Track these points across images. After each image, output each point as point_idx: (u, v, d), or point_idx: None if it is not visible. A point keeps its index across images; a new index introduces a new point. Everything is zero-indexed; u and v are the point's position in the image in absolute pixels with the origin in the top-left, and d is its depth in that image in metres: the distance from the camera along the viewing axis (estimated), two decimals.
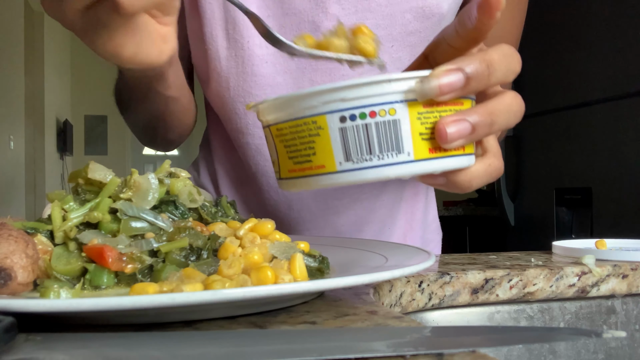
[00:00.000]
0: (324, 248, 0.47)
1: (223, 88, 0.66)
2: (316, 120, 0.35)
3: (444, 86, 0.34)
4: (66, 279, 0.38)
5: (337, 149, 0.35)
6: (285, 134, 0.37)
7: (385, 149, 0.35)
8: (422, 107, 0.35)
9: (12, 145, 4.36)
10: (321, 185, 0.36)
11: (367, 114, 0.34)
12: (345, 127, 0.34)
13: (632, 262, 0.57)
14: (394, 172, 0.35)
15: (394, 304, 0.48)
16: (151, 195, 0.40)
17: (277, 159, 0.39)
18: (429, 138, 0.35)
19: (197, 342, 0.27)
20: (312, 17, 0.62)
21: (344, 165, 0.35)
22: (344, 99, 0.34)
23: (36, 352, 0.25)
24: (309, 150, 0.36)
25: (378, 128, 0.34)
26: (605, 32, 1.64)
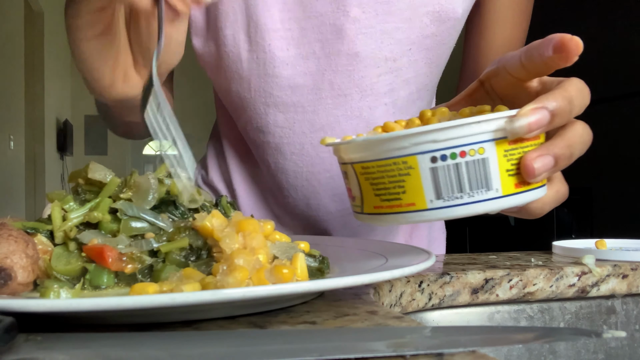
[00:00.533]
0: (324, 248, 0.47)
1: (244, 89, 0.67)
2: (407, 161, 0.36)
3: (532, 124, 0.36)
4: (66, 279, 0.38)
5: (427, 188, 0.36)
6: (372, 172, 0.38)
7: (476, 187, 0.36)
8: (507, 145, 0.37)
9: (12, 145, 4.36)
10: (410, 221, 0.38)
11: (457, 154, 0.36)
12: (437, 167, 0.36)
13: (632, 262, 0.57)
14: (483, 208, 0.37)
15: (394, 304, 0.48)
16: (151, 196, 0.40)
17: (361, 194, 0.40)
18: (514, 174, 0.37)
19: (197, 342, 0.27)
20: (334, 20, 0.63)
21: (434, 203, 0.37)
22: (435, 140, 0.35)
23: (36, 352, 0.25)
24: (399, 188, 0.37)
25: (468, 167, 0.36)
26: (605, 32, 1.64)
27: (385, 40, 0.64)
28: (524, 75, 0.42)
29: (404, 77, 0.66)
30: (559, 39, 0.38)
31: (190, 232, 0.39)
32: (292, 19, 0.64)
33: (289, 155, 0.69)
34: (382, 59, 0.65)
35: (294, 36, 0.64)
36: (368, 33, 0.63)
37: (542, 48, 0.39)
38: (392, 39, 0.64)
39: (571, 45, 0.37)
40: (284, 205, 0.73)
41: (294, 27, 0.64)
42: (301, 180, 0.70)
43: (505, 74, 0.43)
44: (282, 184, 0.71)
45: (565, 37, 0.38)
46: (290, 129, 0.67)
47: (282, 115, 0.67)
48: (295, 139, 0.68)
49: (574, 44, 0.37)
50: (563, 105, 0.37)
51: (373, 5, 0.63)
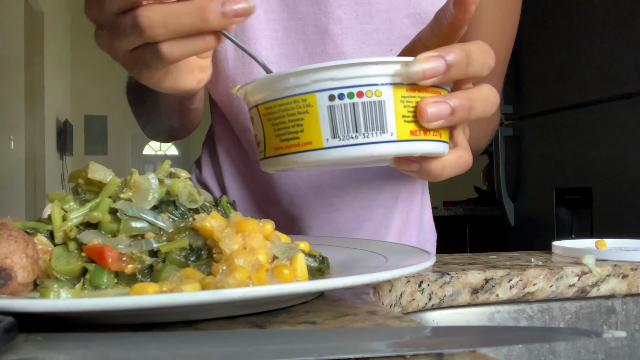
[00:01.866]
0: (324, 248, 0.47)
1: (229, 88, 0.68)
2: (306, 98, 0.37)
3: (427, 70, 0.36)
4: (66, 279, 0.38)
5: (324, 126, 0.37)
6: (274, 112, 0.38)
7: (371, 128, 0.36)
8: (405, 91, 0.37)
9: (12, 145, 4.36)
10: (307, 161, 0.38)
11: (354, 94, 0.36)
12: (334, 105, 0.36)
13: (632, 262, 0.57)
14: (377, 150, 0.37)
15: (394, 304, 0.48)
16: (151, 196, 0.40)
17: (264, 138, 0.40)
18: (410, 121, 0.37)
19: (197, 342, 0.27)
20: (316, 21, 0.64)
21: (330, 142, 0.37)
22: (334, 78, 0.36)
23: (36, 352, 0.25)
24: (297, 127, 0.37)
25: (365, 107, 0.36)
26: (605, 32, 1.64)
27: (366, 40, 0.65)
28: (436, 42, 0.41)
29: None
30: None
31: (190, 232, 0.39)
32: (277, 20, 0.65)
33: None
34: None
35: (278, 36, 0.65)
36: (349, 34, 0.64)
37: (445, 8, 0.39)
38: (373, 40, 0.65)
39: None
40: (271, 202, 0.73)
41: (278, 28, 0.65)
42: (286, 178, 0.70)
43: (421, 46, 0.42)
44: (269, 183, 0.72)
45: None
46: None
47: None
48: None
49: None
50: (460, 58, 0.37)
51: (354, 6, 0.64)
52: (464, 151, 0.42)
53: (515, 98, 2.02)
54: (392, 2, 0.64)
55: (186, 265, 0.38)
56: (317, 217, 0.72)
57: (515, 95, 2.02)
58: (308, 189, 0.71)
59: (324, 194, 0.71)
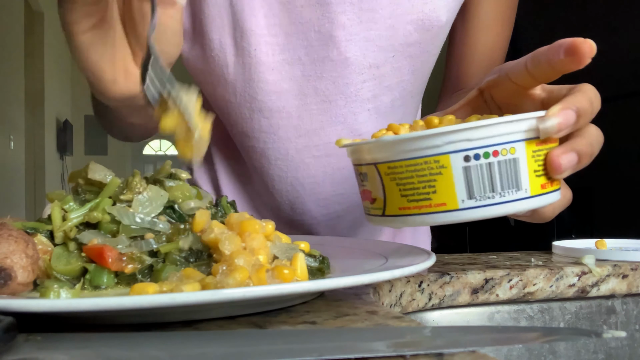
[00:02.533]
0: (324, 248, 0.47)
1: (229, 93, 0.67)
2: (439, 160, 0.36)
3: (562, 123, 0.37)
4: (66, 279, 0.38)
5: (459, 188, 0.36)
6: (399, 172, 0.38)
7: (507, 187, 0.36)
8: (535, 146, 0.37)
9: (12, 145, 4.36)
10: (439, 222, 0.38)
11: (490, 153, 0.36)
12: (469, 166, 0.36)
13: (632, 262, 0.57)
14: (513, 208, 0.37)
15: (394, 304, 0.48)
16: (155, 204, 0.40)
17: (384, 196, 0.39)
18: (541, 174, 0.38)
19: (197, 342, 0.27)
20: (318, 27, 0.64)
21: (466, 203, 0.36)
22: (469, 139, 0.35)
23: (36, 352, 0.25)
24: (429, 188, 0.37)
25: (500, 167, 0.36)
26: (605, 32, 1.64)
27: (369, 47, 0.65)
28: (529, 82, 0.42)
29: (387, 84, 0.67)
30: (571, 42, 0.39)
31: (189, 235, 0.39)
32: (278, 25, 0.64)
33: (273, 160, 0.69)
34: (366, 66, 0.65)
35: (280, 42, 0.65)
36: (352, 40, 0.64)
37: (551, 53, 0.39)
38: (376, 46, 0.65)
39: (585, 48, 0.38)
40: (271, 208, 0.73)
41: (279, 33, 0.64)
42: (285, 185, 0.70)
43: (508, 83, 0.43)
44: (268, 188, 0.71)
45: (577, 40, 0.38)
46: (275, 134, 0.68)
47: (266, 121, 0.67)
48: (280, 144, 0.68)
49: (587, 46, 0.38)
50: (586, 107, 0.38)
51: (357, 12, 0.63)
52: (565, 189, 0.44)
53: None
54: (395, 8, 0.64)
55: (186, 266, 0.38)
56: (318, 224, 0.72)
57: None
58: (310, 197, 0.70)
59: (325, 201, 0.71)
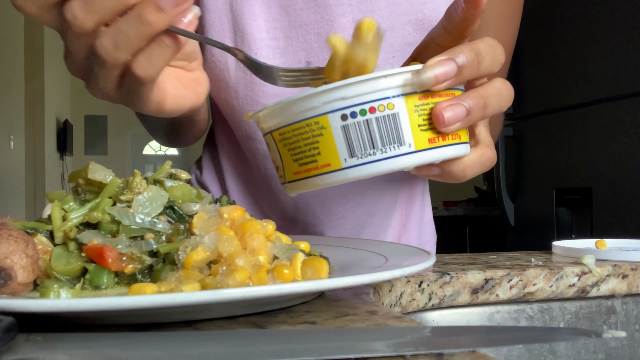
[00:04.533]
0: (324, 248, 0.47)
1: (232, 97, 0.68)
2: (318, 121, 0.36)
3: (439, 75, 0.36)
4: (66, 279, 0.38)
5: (341, 147, 0.36)
6: (288, 137, 0.38)
7: (388, 143, 0.36)
8: (417, 100, 0.36)
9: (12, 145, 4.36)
10: (328, 183, 0.37)
11: (367, 110, 0.36)
12: (347, 125, 0.36)
13: (632, 262, 0.57)
14: (397, 164, 0.36)
15: (394, 304, 0.48)
16: (155, 204, 0.40)
17: (282, 163, 0.40)
18: (427, 129, 0.37)
19: (197, 342, 0.27)
20: (319, 29, 0.64)
21: (349, 162, 0.36)
22: (344, 97, 0.35)
23: (36, 352, 0.25)
24: (314, 150, 0.37)
25: (379, 123, 0.36)
26: (605, 31, 1.64)
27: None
28: (448, 39, 0.41)
29: None
30: None
31: (189, 235, 0.39)
32: (278, 29, 0.65)
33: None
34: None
35: (280, 45, 0.65)
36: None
37: (457, 4, 0.39)
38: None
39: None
40: (275, 208, 0.73)
41: (279, 37, 0.65)
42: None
43: (433, 45, 0.42)
44: (272, 189, 0.72)
45: None
46: None
47: None
48: None
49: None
50: (471, 58, 0.37)
51: (356, 14, 0.64)
52: (486, 148, 0.42)
53: (515, 98, 2.02)
54: (394, 9, 0.64)
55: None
56: (321, 224, 0.73)
57: (515, 95, 2.02)
58: (313, 199, 0.71)
59: (329, 202, 0.71)
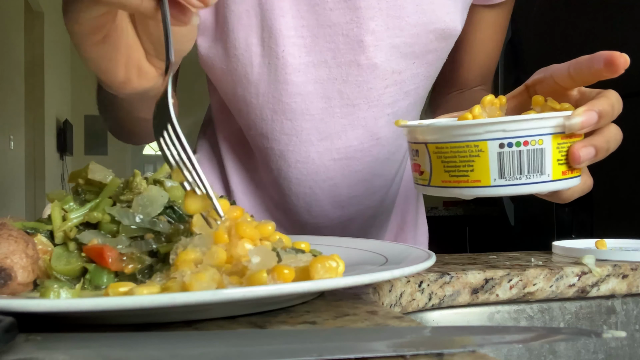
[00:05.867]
0: (324, 248, 0.47)
1: (251, 94, 0.67)
2: (479, 145, 0.44)
3: (584, 122, 0.44)
4: (66, 279, 0.38)
5: (493, 168, 0.44)
6: (445, 152, 0.45)
7: (533, 171, 0.44)
8: (561, 139, 0.45)
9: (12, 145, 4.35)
10: (473, 195, 0.46)
11: (521, 143, 0.44)
12: (503, 152, 0.44)
13: (632, 262, 0.57)
14: (535, 189, 0.45)
15: (394, 304, 0.48)
16: (155, 205, 0.40)
17: (430, 170, 0.47)
18: (563, 163, 0.46)
19: (197, 342, 0.27)
20: (347, 31, 0.64)
21: (497, 182, 0.44)
22: (505, 130, 0.43)
23: (36, 352, 0.25)
24: (468, 167, 0.45)
25: (529, 154, 0.44)
26: (606, 31, 1.64)
27: (393, 53, 0.66)
28: (569, 83, 0.49)
29: (406, 89, 0.68)
30: (610, 56, 0.46)
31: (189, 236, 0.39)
32: (305, 27, 0.64)
33: (293, 163, 0.69)
34: (389, 72, 0.66)
35: (307, 44, 0.64)
36: (379, 46, 0.65)
37: (592, 62, 0.47)
38: (399, 53, 0.66)
39: (620, 61, 0.45)
40: (285, 211, 0.73)
41: (306, 35, 0.64)
42: (304, 187, 0.70)
43: (551, 82, 0.50)
44: (284, 190, 0.71)
45: (615, 54, 0.45)
46: (297, 136, 0.67)
47: (289, 123, 0.67)
48: (301, 147, 0.68)
49: (623, 59, 0.45)
50: (608, 110, 0.46)
51: (385, 19, 0.64)
52: (587, 177, 0.51)
53: None
54: (420, 17, 0.65)
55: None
56: (332, 225, 0.73)
57: None
58: (327, 200, 0.71)
59: (341, 203, 0.72)
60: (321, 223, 0.73)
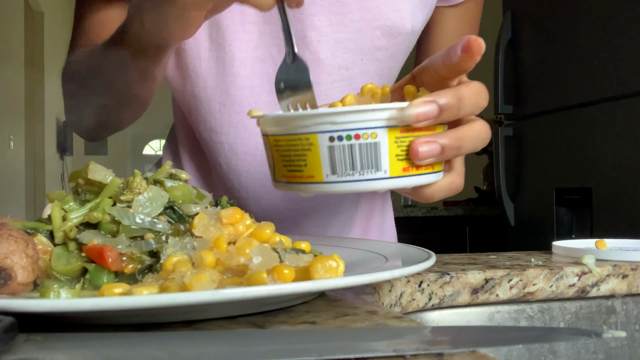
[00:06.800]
0: (325, 248, 0.47)
1: (200, 88, 0.68)
2: (309, 137, 0.40)
3: (420, 114, 0.39)
4: (66, 279, 0.38)
5: (325, 163, 0.40)
6: (281, 145, 0.42)
7: (366, 167, 0.40)
8: (399, 132, 0.40)
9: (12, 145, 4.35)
10: (309, 192, 0.42)
11: (352, 136, 0.40)
12: (333, 146, 0.40)
13: (632, 262, 0.57)
14: (371, 186, 0.41)
15: (394, 304, 0.48)
16: (155, 205, 0.40)
17: (273, 164, 0.44)
18: (403, 158, 0.41)
19: (197, 342, 0.27)
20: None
21: (330, 178, 0.41)
22: (334, 122, 0.39)
23: (36, 352, 0.25)
24: (301, 161, 0.41)
25: (361, 149, 0.40)
26: (605, 32, 1.64)
27: (338, 49, 0.66)
28: (445, 73, 0.44)
29: (355, 86, 0.68)
30: (466, 39, 0.40)
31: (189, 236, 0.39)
32: (252, 23, 0.66)
33: (242, 156, 0.70)
34: (335, 67, 0.67)
35: (253, 39, 0.66)
36: (324, 41, 0.66)
37: (454, 48, 0.42)
38: (345, 48, 0.66)
39: (474, 46, 0.40)
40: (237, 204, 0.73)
41: (253, 31, 0.66)
42: (253, 180, 0.71)
43: (432, 71, 0.45)
44: (234, 184, 0.72)
45: (471, 37, 0.40)
46: (245, 128, 0.68)
47: (237, 116, 0.68)
48: (250, 139, 0.69)
49: (477, 44, 0.40)
50: (452, 103, 0.40)
51: (328, 15, 0.65)
52: (457, 177, 0.45)
53: (515, 98, 2.02)
54: (364, 13, 0.66)
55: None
56: (284, 219, 0.73)
57: (515, 95, 2.02)
58: (277, 192, 0.71)
59: (293, 199, 0.72)
60: (273, 217, 0.72)
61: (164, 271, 0.35)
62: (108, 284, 0.35)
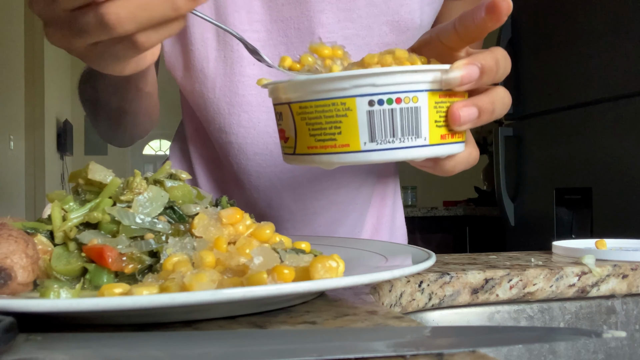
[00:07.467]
0: (325, 248, 0.47)
1: (208, 89, 0.68)
2: (345, 102, 0.38)
3: (464, 76, 0.39)
4: (66, 279, 0.38)
5: (363, 130, 0.38)
6: (309, 112, 0.39)
7: (407, 133, 0.38)
8: (438, 97, 0.39)
9: (12, 145, 4.35)
10: (343, 162, 0.39)
11: (393, 100, 0.37)
12: (373, 111, 0.37)
13: (632, 262, 0.57)
14: (411, 154, 0.39)
15: (394, 304, 0.48)
16: (155, 205, 0.40)
17: (295, 135, 0.41)
18: (442, 125, 0.39)
19: (197, 342, 0.27)
20: (298, 24, 0.65)
21: (367, 146, 0.38)
22: (375, 84, 0.37)
23: (36, 352, 0.25)
24: (335, 129, 0.38)
25: (402, 113, 0.38)
26: (605, 32, 1.64)
27: (346, 45, 0.66)
28: (456, 42, 0.43)
29: None
30: (491, 2, 0.39)
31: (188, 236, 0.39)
32: (259, 22, 0.66)
33: (251, 156, 0.69)
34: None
35: (261, 38, 0.66)
36: (331, 38, 0.65)
37: (475, 12, 0.40)
38: (353, 45, 0.66)
39: (502, 5, 0.39)
40: (247, 205, 0.73)
41: (260, 29, 0.66)
42: (264, 180, 0.70)
43: (438, 43, 0.44)
44: (244, 184, 0.72)
45: (496, 0, 0.39)
46: (254, 128, 0.68)
47: (246, 115, 0.68)
48: (259, 139, 0.68)
49: (505, 3, 0.39)
50: (491, 65, 0.40)
51: (335, 11, 0.65)
52: (473, 148, 0.45)
53: (515, 98, 2.02)
54: (371, 9, 0.65)
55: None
56: (294, 219, 0.73)
57: (515, 95, 2.02)
58: (287, 192, 0.71)
59: (303, 197, 0.72)
60: (283, 216, 0.72)
61: (164, 271, 0.35)
62: (108, 284, 0.35)
